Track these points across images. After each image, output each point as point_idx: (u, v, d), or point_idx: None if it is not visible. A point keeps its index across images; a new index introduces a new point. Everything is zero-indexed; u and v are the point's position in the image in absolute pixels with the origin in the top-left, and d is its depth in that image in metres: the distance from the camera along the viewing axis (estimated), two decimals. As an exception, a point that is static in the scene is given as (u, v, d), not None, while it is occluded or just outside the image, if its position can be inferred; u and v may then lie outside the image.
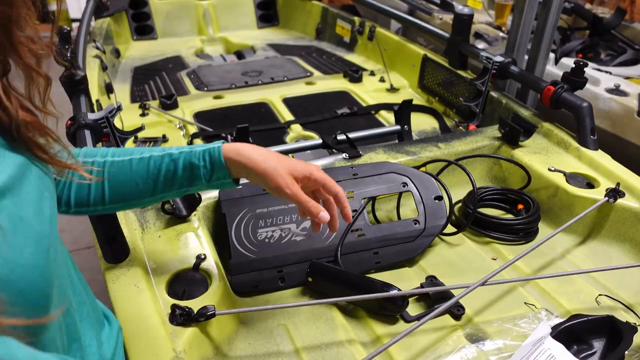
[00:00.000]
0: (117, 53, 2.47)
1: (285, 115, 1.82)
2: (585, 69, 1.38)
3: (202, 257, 0.96)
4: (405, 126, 1.59)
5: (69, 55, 1.25)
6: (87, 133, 1.13)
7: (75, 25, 4.58)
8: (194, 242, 1.01)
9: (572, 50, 2.44)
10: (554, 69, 2.18)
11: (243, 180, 1.16)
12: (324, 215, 0.80)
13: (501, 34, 2.63)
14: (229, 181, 0.80)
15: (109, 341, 0.74)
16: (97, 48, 2.11)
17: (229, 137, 1.63)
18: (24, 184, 0.53)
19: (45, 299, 0.52)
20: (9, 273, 0.46)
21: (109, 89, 1.90)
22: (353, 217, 1.10)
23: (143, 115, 1.82)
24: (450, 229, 1.18)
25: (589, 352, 0.87)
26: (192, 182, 0.80)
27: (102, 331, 0.74)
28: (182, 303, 0.84)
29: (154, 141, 1.64)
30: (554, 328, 0.88)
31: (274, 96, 1.97)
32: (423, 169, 1.27)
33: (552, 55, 2.23)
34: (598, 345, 0.88)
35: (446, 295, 0.97)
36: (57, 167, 0.61)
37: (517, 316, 0.94)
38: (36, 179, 0.56)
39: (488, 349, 0.88)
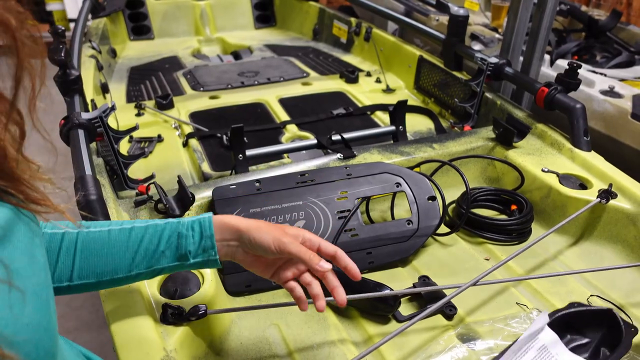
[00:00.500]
0: (113, 53, 2.46)
1: (281, 115, 1.82)
2: (579, 70, 1.38)
3: (195, 256, 0.96)
4: (400, 127, 1.59)
5: (62, 55, 1.24)
6: (81, 132, 1.13)
7: (73, 25, 4.57)
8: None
9: (567, 52, 2.44)
10: (550, 71, 2.19)
11: (237, 180, 1.16)
12: (325, 264, 0.71)
13: (497, 35, 2.64)
14: (214, 258, 0.72)
15: None
16: (93, 48, 2.10)
17: (224, 136, 1.62)
18: (14, 232, 0.49)
19: (52, 357, 0.49)
20: (14, 335, 0.43)
21: (104, 89, 1.90)
22: (346, 217, 1.11)
23: (139, 115, 1.82)
24: (443, 229, 1.18)
25: (582, 342, 0.87)
26: (175, 256, 0.72)
27: None
28: (174, 302, 0.84)
29: (149, 141, 1.64)
30: (551, 315, 0.87)
31: (270, 96, 1.97)
32: (417, 169, 1.27)
33: (547, 57, 2.24)
34: (593, 337, 0.87)
35: (438, 295, 0.98)
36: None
37: (509, 316, 0.94)
38: (25, 226, 0.52)
39: (479, 348, 0.88)
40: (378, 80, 2.13)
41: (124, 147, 1.59)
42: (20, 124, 0.50)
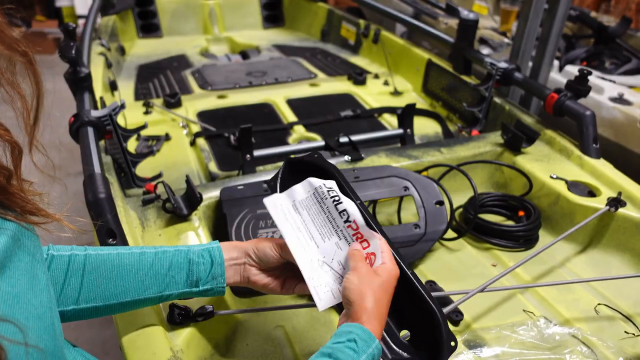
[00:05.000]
0: (122, 51, 2.47)
1: (289, 116, 1.82)
2: (589, 77, 1.38)
3: (202, 256, 0.96)
4: (408, 130, 1.59)
5: (73, 52, 1.25)
6: (90, 130, 1.13)
7: (81, 22, 4.60)
8: (194, 242, 1.01)
9: (576, 58, 2.44)
10: (558, 77, 2.18)
11: (245, 180, 1.16)
12: None
13: (506, 40, 2.63)
14: (221, 286, 0.74)
15: None
16: (102, 45, 2.11)
17: (232, 136, 1.63)
18: (15, 253, 0.48)
19: None
20: None
21: (113, 87, 1.90)
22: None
23: (147, 113, 1.82)
24: (450, 234, 1.18)
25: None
26: (185, 282, 0.73)
27: None
28: (181, 302, 0.84)
29: (156, 139, 1.65)
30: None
31: (278, 97, 1.97)
32: (425, 173, 1.27)
33: (556, 63, 2.23)
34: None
35: (445, 300, 0.97)
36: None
37: (516, 323, 0.94)
38: (26, 240, 0.51)
39: (485, 355, 0.87)
40: (386, 83, 2.13)
41: (131, 145, 1.59)
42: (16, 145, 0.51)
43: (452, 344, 0.67)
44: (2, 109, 0.51)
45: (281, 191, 0.81)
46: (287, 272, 0.77)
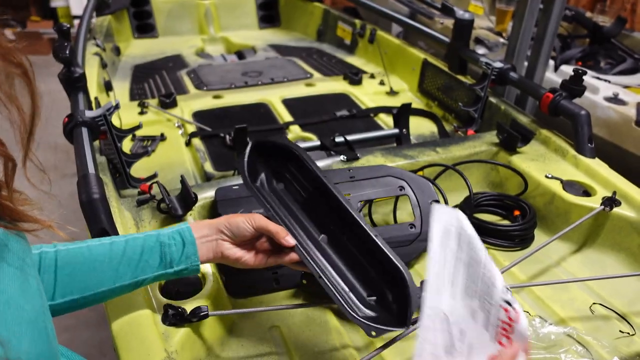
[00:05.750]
0: (117, 51, 2.46)
1: (285, 116, 1.82)
2: (584, 77, 1.38)
3: (197, 257, 0.95)
4: (404, 130, 1.59)
5: (67, 52, 1.24)
6: (84, 131, 1.13)
7: (77, 22, 4.58)
8: (189, 242, 1.00)
9: (571, 58, 2.44)
10: (554, 76, 2.19)
11: (240, 180, 1.16)
12: (290, 239, 0.80)
13: (502, 39, 2.63)
14: (195, 264, 0.77)
15: None
16: (97, 45, 2.10)
17: (227, 136, 1.62)
18: (4, 257, 0.48)
19: None
20: None
21: (108, 87, 1.90)
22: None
23: (142, 113, 1.82)
24: (446, 234, 1.18)
25: None
26: (159, 265, 0.75)
27: None
28: (175, 303, 0.84)
29: (152, 139, 1.64)
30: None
31: (274, 97, 1.97)
32: (420, 173, 1.27)
33: (551, 63, 2.23)
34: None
35: (440, 300, 0.97)
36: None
37: (511, 323, 0.94)
38: (15, 245, 0.50)
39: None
40: (382, 83, 2.13)
41: (126, 145, 1.58)
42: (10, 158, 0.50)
43: (419, 297, 0.68)
44: None
45: (249, 174, 0.85)
46: (259, 245, 0.82)
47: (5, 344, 0.43)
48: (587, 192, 1.22)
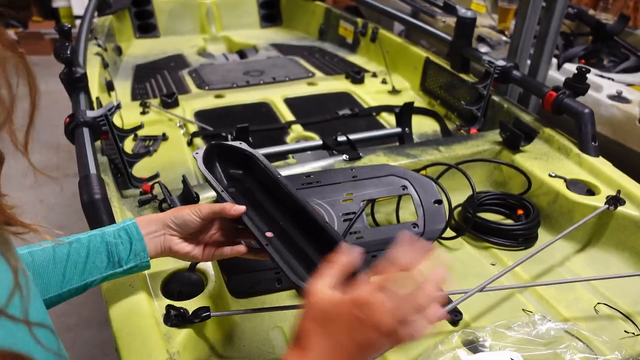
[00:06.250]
0: (119, 51, 2.46)
1: (286, 115, 1.82)
2: (587, 75, 1.37)
3: (199, 257, 0.95)
4: (406, 129, 1.58)
5: (68, 52, 1.24)
6: (86, 131, 1.12)
7: (78, 22, 4.58)
8: (191, 242, 1.00)
9: (574, 56, 2.43)
10: (556, 74, 2.18)
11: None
12: (239, 207, 0.77)
13: (504, 38, 2.62)
14: (145, 260, 0.76)
15: None
16: (99, 45, 2.10)
17: (229, 136, 1.62)
18: None
19: None
20: None
21: (109, 87, 1.89)
22: (351, 219, 1.10)
23: (144, 113, 1.81)
24: (449, 233, 1.17)
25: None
26: (107, 265, 0.74)
27: None
28: (177, 304, 0.84)
29: (153, 139, 1.64)
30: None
31: (276, 96, 1.96)
32: (423, 172, 1.26)
33: (554, 61, 2.22)
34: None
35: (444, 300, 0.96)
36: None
37: (511, 320, 0.93)
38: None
39: (480, 352, 0.87)
40: (384, 81, 2.12)
41: (128, 145, 1.58)
42: None
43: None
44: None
45: (207, 168, 0.85)
46: (208, 238, 0.80)
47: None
48: (591, 191, 1.21)
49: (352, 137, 1.40)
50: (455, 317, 0.94)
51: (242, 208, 0.77)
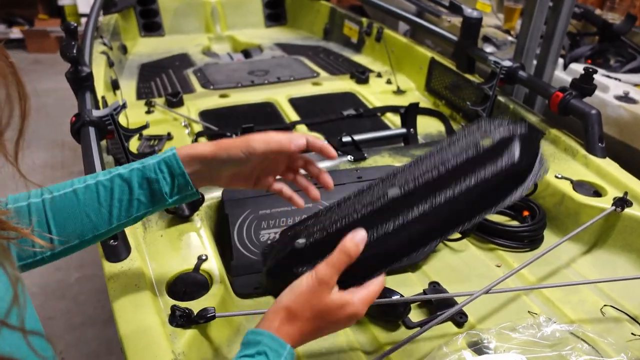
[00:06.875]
0: (124, 49, 2.47)
1: (291, 115, 1.81)
2: (594, 75, 1.36)
3: (204, 257, 0.95)
4: (412, 129, 1.58)
5: (74, 51, 1.24)
6: (92, 130, 1.12)
7: (83, 20, 4.60)
8: (196, 243, 1.00)
9: (581, 56, 2.42)
10: (563, 75, 2.17)
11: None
12: (299, 140, 0.72)
13: (510, 38, 2.61)
14: (191, 192, 0.73)
15: None
16: (104, 44, 2.11)
17: (234, 136, 1.62)
18: None
19: None
20: None
21: (115, 86, 1.90)
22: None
23: (148, 112, 1.82)
24: (454, 234, 1.17)
25: None
26: (152, 201, 0.72)
27: None
28: (182, 304, 0.84)
29: (158, 139, 1.64)
30: None
31: (280, 96, 1.96)
32: (428, 173, 1.26)
33: (560, 61, 2.21)
34: None
35: (449, 302, 0.96)
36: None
37: (516, 322, 0.93)
38: None
39: (485, 354, 0.86)
40: (389, 82, 2.12)
41: (133, 144, 1.58)
42: None
43: None
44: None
45: None
46: (257, 171, 0.76)
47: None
48: (597, 193, 1.21)
49: (356, 137, 1.40)
50: (460, 318, 0.94)
51: (302, 141, 0.71)
